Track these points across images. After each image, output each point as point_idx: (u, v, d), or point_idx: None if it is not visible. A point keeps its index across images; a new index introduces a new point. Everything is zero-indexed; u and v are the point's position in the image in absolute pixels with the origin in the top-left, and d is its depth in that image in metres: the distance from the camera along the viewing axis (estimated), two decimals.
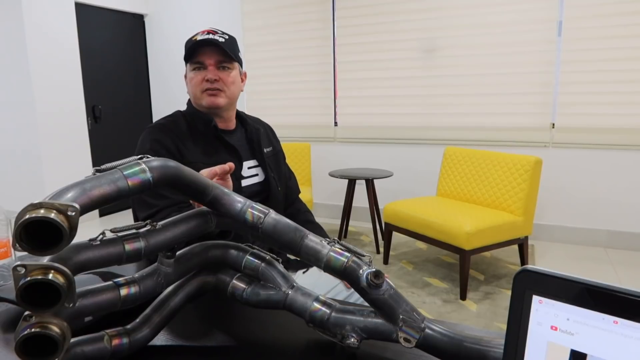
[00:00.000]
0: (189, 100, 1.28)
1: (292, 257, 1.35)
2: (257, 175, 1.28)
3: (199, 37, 1.17)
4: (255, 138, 1.30)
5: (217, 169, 0.82)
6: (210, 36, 1.17)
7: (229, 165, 0.84)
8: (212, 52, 1.18)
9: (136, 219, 1.16)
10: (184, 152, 1.17)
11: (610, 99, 3.17)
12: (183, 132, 1.20)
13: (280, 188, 1.30)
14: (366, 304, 0.64)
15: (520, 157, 2.75)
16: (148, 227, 0.61)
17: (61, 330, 0.50)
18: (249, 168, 1.27)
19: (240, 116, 1.34)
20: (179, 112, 1.27)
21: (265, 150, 1.31)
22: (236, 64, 1.23)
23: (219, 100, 1.20)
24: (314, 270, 1.24)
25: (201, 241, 0.70)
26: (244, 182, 1.24)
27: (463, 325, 0.74)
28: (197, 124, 1.23)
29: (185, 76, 1.25)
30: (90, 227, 3.97)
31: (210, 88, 1.18)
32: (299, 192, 1.46)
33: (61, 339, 0.50)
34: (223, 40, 1.18)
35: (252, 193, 1.24)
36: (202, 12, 4.54)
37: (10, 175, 3.98)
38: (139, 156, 0.58)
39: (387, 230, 3.01)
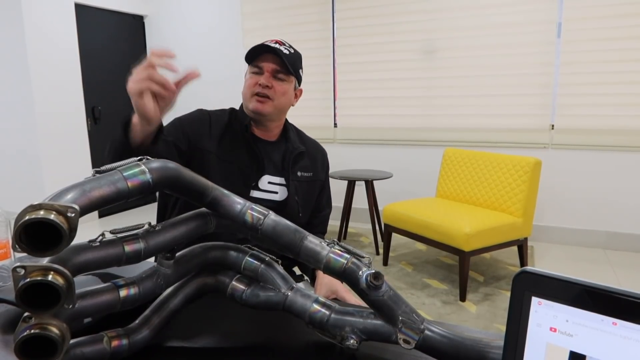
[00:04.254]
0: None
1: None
2: (276, 193, 1.24)
3: (264, 44, 1.20)
4: (288, 157, 1.26)
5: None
6: (277, 45, 1.19)
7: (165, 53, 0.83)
8: (271, 60, 1.20)
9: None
10: (204, 139, 1.19)
11: (609, 101, 3.18)
12: (219, 127, 1.22)
13: (301, 214, 1.26)
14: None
15: (520, 159, 2.76)
16: (147, 228, 0.61)
17: (60, 331, 0.50)
18: (269, 183, 1.24)
19: (287, 132, 1.31)
20: (231, 108, 1.30)
21: (299, 173, 1.27)
22: (292, 78, 1.25)
23: (265, 107, 1.20)
24: None
25: (202, 242, 0.70)
26: (256, 194, 1.22)
27: (462, 327, 0.74)
28: (235, 122, 1.25)
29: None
30: (89, 228, 3.96)
31: (260, 93, 1.19)
32: (324, 232, 1.39)
33: (60, 340, 0.50)
34: (287, 52, 1.20)
35: None
36: (202, 13, 4.54)
37: (9, 176, 3.98)
38: (139, 157, 0.59)
39: (387, 232, 3.01)
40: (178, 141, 1.15)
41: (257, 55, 1.20)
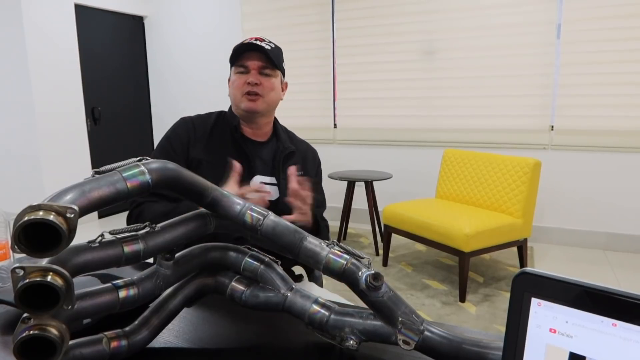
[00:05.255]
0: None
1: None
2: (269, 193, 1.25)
3: (246, 42, 1.21)
4: (279, 157, 1.27)
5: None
6: (257, 42, 1.20)
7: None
8: (256, 57, 1.21)
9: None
10: (192, 148, 1.21)
11: (609, 102, 3.18)
12: (204, 130, 1.24)
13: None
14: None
15: (520, 159, 2.76)
16: (147, 229, 0.61)
17: (60, 332, 0.50)
18: (261, 183, 1.24)
19: (277, 131, 1.31)
20: (219, 111, 1.31)
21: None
22: (278, 73, 1.26)
23: (258, 104, 1.21)
24: None
25: (201, 243, 0.70)
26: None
27: (462, 328, 0.74)
28: (223, 124, 1.26)
29: (229, 80, 1.28)
30: (89, 229, 3.96)
31: (250, 92, 1.21)
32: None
33: (60, 341, 0.50)
34: (269, 48, 1.21)
35: None
36: (201, 14, 4.54)
37: (9, 177, 3.97)
38: (138, 158, 0.59)
39: (387, 232, 3.01)
40: (174, 161, 1.17)
41: (239, 55, 1.22)
